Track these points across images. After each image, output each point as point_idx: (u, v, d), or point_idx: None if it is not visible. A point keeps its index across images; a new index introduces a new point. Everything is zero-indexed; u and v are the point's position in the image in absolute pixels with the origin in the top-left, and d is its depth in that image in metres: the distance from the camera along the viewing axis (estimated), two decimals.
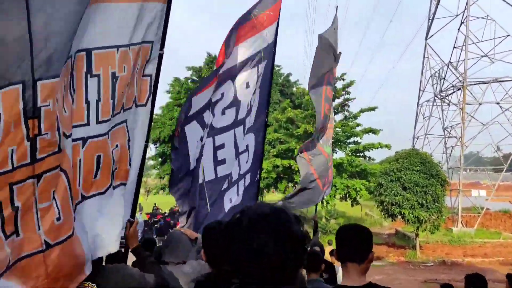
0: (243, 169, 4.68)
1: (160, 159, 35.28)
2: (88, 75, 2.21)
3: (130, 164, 2.66)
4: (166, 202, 42.61)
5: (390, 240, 22.87)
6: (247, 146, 4.67)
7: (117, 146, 2.51)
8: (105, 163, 2.39)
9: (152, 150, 35.96)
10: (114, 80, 2.34)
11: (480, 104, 25.47)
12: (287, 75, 35.50)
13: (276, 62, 6.49)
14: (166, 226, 20.30)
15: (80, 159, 2.22)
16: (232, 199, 4.51)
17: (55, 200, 1.94)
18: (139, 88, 2.63)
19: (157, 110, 37.03)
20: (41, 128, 1.77)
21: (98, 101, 2.28)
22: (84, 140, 2.23)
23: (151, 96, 2.73)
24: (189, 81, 34.42)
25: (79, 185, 2.22)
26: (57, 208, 1.94)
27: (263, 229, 1.08)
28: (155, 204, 34.61)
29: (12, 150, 1.69)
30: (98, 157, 2.33)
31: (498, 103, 25.94)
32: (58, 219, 1.95)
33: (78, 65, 2.13)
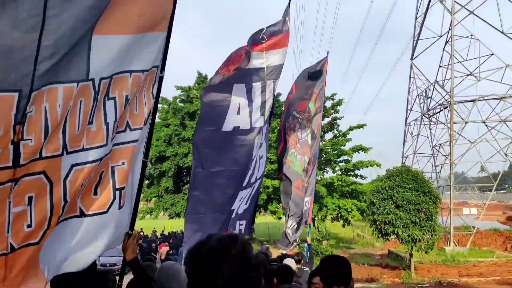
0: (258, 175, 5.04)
1: (147, 181, 34.50)
2: (106, 98, 2.33)
3: (131, 184, 2.78)
4: (152, 227, 41.59)
5: (383, 261, 22.42)
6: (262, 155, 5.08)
7: (123, 163, 2.60)
8: (105, 180, 2.49)
9: None
10: (126, 103, 2.49)
11: (466, 123, 25.59)
12: (277, 95, 35.47)
13: None
14: (149, 250, 19.82)
15: (90, 176, 2.31)
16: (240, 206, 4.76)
17: (31, 207, 1.97)
18: (149, 108, 2.77)
19: None
20: (24, 133, 1.81)
21: (115, 122, 2.40)
22: (101, 159, 2.34)
23: (151, 114, 2.85)
24: (177, 100, 34.08)
25: (79, 199, 2.32)
26: (30, 216, 1.97)
27: (224, 258, 1.26)
28: (141, 229, 33.87)
29: None
30: (101, 173, 2.45)
31: (484, 122, 26.11)
32: (29, 226, 1.98)
33: (102, 89, 2.26)
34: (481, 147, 25.85)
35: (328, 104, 25.15)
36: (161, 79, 2.88)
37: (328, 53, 7.43)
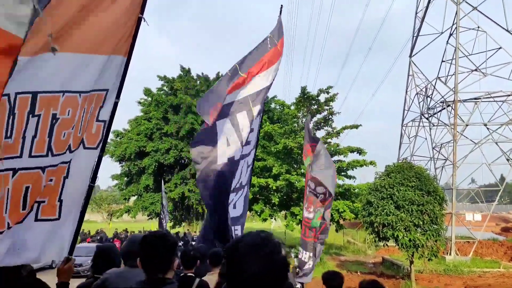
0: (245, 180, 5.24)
1: (125, 179, 32.10)
2: (30, 115, 2.43)
3: (59, 200, 2.79)
4: (132, 227, 39.01)
5: (377, 270, 20.35)
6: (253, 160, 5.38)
7: (51, 180, 2.70)
8: (32, 195, 2.59)
9: (117, 169, 32.82)
10: (54, 121, 2.55)
11: (466, 125, 23.72)
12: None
13: None
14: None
15: (8, 188, 2.44)
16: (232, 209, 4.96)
17: None
18: (90, 131, 2.82)
19: (125, 125, 34.19)
20: None
21: (34, 137, 2.48)
22: (15, 171, 2.45)
23: (102, 140, 2.89)
24: (161, 92, 31.92)
25: (5, 213, 2.45)
26: None
27: (256, 256, 1.41)
28: (100, 229, 32.02)
29: None
30: (27, 188, 2.55)
31: (485, 125, 24.28)
32: None
33: (21, 105, 2.37)
34: (484, 148, 23.94)
35: (322, 98, 23.18)
36: (115, 104, 2.88)
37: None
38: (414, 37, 29.96)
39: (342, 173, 22.89)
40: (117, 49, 2.67)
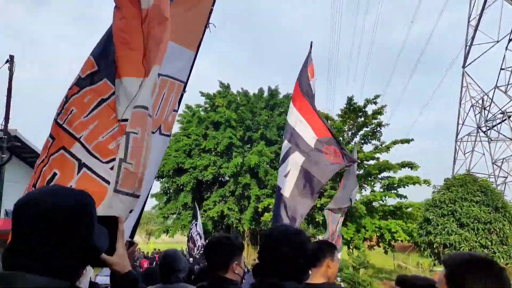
0: None
1: (165, 197, 31.53)
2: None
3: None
4: (168, 247, 38.36)
5: None
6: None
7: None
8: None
9: (156, 187, 32.46)
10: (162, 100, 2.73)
11: None
12: None
13: None
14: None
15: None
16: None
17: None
18: (167, 118, 2.88)
19: None
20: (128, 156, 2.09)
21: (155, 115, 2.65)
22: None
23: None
24: (200, 109, 31.51)
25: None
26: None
27: (286, 242, 1.84)
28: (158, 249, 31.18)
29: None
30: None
31: None
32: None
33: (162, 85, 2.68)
34: None
35: (369, 109, 21.73)
36: (181, 96, 3.03)
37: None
38: (467, 47, 28.07)
39: (393, 191, 21.13)
40: (192, 43, 2.88)
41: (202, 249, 18.48)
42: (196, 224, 18.33)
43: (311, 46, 5.90)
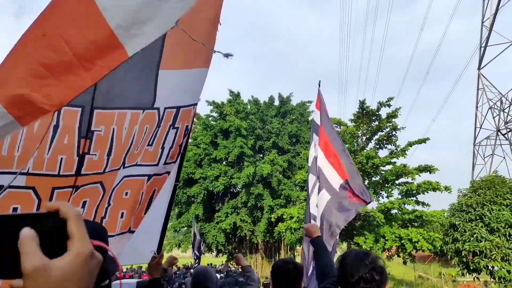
0: None
1: (176, 210, 30.85)
2: (171, 127, 2.69)
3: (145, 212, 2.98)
4: (186, 262, 37.53)
5: None
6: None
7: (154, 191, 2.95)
8: (153, 198, 2.95)
9: None
10: (186, 132, 2.88)
11: None
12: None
13: None
14: None
15: (142, 193, 2.76)
16: None
17: (84, 209, 2.36)
18: (185, 143, 3.03)
19: None
20: (91, 148, 2.17)
21: (171, 148, 2.78)
22: (150, 176, 2.76)
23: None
24: (209, 118, 30.93)
25: (134, 215, 2.78)
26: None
27: (361, 264, 2.09)
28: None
29: (62, 159, 2.10)
30: (154, 191, 2.89)
31: None
32: None
33: (167, 118, 2.58)
34: None
35: (383, 113, 20.96)
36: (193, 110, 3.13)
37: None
38: (482, 48, 27.29)
39: (412, 198, 20.20)
40: (207, 61, 2.82)
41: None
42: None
43: (319, 85, 5.88)
